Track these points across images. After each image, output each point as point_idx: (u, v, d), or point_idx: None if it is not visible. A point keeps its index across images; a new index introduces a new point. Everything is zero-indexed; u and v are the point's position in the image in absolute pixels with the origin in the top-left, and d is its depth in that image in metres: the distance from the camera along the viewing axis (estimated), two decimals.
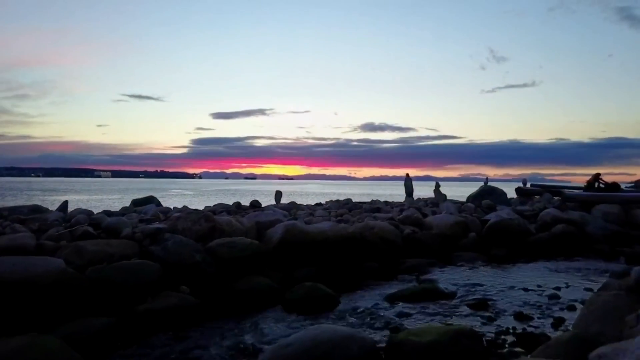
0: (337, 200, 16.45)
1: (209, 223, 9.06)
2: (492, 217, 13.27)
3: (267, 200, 20.10)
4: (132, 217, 10.49)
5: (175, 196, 55.04)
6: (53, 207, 12.30)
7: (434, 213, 14.64)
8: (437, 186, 17.98)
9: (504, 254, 11.90)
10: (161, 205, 15.59)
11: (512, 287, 8.58)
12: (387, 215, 13.12)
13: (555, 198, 18.23)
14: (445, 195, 17.93)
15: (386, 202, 18.90)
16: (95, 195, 48.86)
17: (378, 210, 14.69)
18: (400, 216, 12.84)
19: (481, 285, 8.75)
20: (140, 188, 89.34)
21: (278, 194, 17.10)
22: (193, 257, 7.97)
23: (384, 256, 10.56)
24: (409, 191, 17.28)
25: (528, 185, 20.51)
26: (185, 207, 13.62)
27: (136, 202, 15.72)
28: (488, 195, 17.25)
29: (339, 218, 12.33)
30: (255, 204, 14.08)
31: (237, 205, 13.75)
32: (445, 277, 9.44)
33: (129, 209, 12.66)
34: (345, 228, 10.52)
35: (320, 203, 18.12)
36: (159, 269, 7.44)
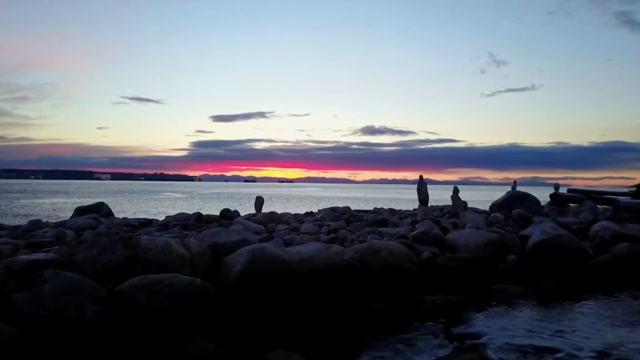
0: (332, 209, 13.07)
1: (128, 251, 5.88)
2: (534, 232, 10.05)
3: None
4: (36, 236, 7.36)
5: (163, 200, 51.84)
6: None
7: (455, 226, 11.43)
8: (456, 191, 14.61)
9: (557, 286, 8.76)
10: (112, 215, 12.52)
11: (604, 355, 5.38)
12: (397, 231, 9.91)
13: (599, 206, 15.01)
14: (465, 203, 14.57)
15: (392, 211, 15.64)
16: (76, 199, 45.68)
17: (384, 223, 11.43)
18: (415, 232, 9.60)
19: (553, 350, 5.54)
20: (133, 190, 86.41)
21: (259, 201, 13.75)
22: (83, 312, 4.81)
23: (394, 292, 7.44)
24: (423, 198, 13.72)
25: (564, 191, 17.15)
26: (125, 218, 10.38)
27: (80, 210, 12.68)
28: (519, 203, 13.92)
29: (333, 236, 9.07)
30: (225, 215, 10.79)
31: (197, 217, 10.28)
32: (490, 331, 6.25)
33: (42, 224, 9.42)
34: (340, 253, 7.32)
35: (311, 212, 14.73)
36: (15, 337, 4.33)
